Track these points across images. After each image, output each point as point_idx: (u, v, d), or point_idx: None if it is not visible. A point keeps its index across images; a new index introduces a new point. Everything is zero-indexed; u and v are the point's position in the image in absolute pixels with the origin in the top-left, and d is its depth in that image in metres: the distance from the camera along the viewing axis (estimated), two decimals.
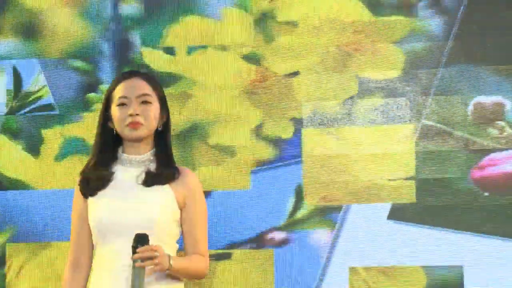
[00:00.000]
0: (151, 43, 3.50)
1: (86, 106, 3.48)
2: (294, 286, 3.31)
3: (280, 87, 3.43)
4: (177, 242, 2.28)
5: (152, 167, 2.24)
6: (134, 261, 2.02)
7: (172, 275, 2.16)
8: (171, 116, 2.45)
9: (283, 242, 3.34)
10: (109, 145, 2.27)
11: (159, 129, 2.30)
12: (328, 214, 3.33)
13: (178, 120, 3.36)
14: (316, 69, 3.37)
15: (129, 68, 3.46)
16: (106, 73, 3.54)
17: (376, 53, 3.38)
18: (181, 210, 2.22)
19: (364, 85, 3.37)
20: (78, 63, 3.56)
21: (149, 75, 2.52)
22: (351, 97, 3.37)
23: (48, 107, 3.53)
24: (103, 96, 2.38)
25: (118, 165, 2.24)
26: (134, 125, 2.19)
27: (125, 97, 2.23)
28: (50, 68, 3.55)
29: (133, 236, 2.07)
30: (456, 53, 3.34)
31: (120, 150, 2.26)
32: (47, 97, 3.54)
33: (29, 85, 3.57)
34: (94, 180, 2.22)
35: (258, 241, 3.34)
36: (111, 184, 2.21)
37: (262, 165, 3.40)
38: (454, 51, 3.34)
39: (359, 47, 3.40)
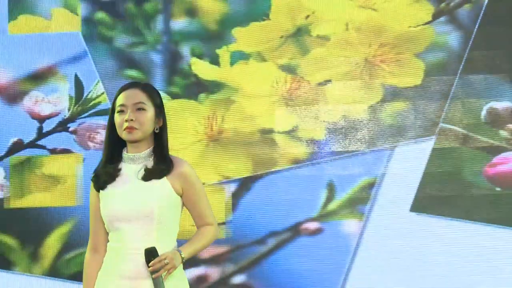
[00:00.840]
0: (199, 55, 3.97)
1: None
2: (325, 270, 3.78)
3: (312, 95, 3.88)
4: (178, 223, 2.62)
5: (150, 163, 2.56)
6: (150, 270, 2.39)
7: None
8: (217, 118, 2.83)
9: (316, 232, 3.80)
10: (115, 146, 2.60)
11: (156, 131, 2.57)
12: (359, 206, 3.78)
13: (223, 122, 3.84)
14: (346, 79, 3.81)
15: (179, 77, 3.95)
16: (158, 81, 4.02)
17: (401, 63, 3.82)
18: (181, 195, 2.55)
19: (389, 92, 3.80)
20: (133, 72, 4.04)
21: (147, 85, 2.77)
22: (375, 104, 3.82)
23: (106, 111, 4.00)
24: (112, 103, 2.65)
25: (123, 163, 2.59)
26: (130, 129, 2.50)
27: (123, 105, 2.53)
28: (109, 79, 4.02)
29: (136, 223, 2.46)
30: (471, 63, 3.76)
31: (124, 150, 2.60)
32: (106, 103, 4.02)
33: (87, 93, 4.06)
34: (104, 176, 2.55)
35: (295, 230, 3.80)
36: (118, 179, 2.54)
37: (297, 165, 3.87)
38: (469, 62, 3.76)
39: (387, 58, 3.84)
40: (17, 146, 4.09)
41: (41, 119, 4.10)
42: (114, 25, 4.12)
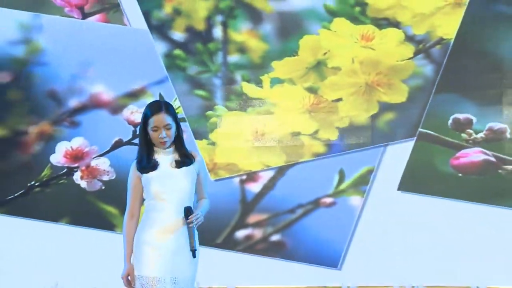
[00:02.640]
0: (247, 80, 5.62)
1: (207, 120, 5.63)
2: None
3: (328, 108, 5.50)
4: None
5: (176, 156, 3.80)
6: (188, 223, 3.70)
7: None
8: (261, 124, 4.43)
9: (331, 204, 5.40)
10: (149, 145, 3.84)
11: (175, 135, 3.84)
12: (361, 187, 5.36)
13: (264, 127, 5.47)
14: (353, 97, 5.45)
15: (234, 96, 5.61)
16: (218, 98, 5.68)
17: (391, 86, 5.44)
18: (197, 177, 3.86)
19: (382, 107, 5.42)
20: (201, 92, 5.70)
21: (170, 107, 3.90)
22: (374, 115, 5.45)
23: (182, 119, 5.63)
24: (142, 116, 3.73)
25: (157, 155, 3.82)
26: (163, 143, 3.79)
27: (156, 127, 3.77)
28: (183, 96, 5.67)
29: (177, 197, 3.69)
30: (441, 86, 5.39)
31: (154, 147, 3.81)
32: (181, 114, 5.65)
33: None
34: (149, 165, 3.77)
35: (316, 203, 5.42)
36: (158, 167, 3.77)
37: (316, 157, 5.48)
38: (439, 86, 5.40)
39: (381, 82, 5.46)
40: (118, 144, 5.76)
41: (135, 125, 5.73)
42: (187, 59, 5.79)
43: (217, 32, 5.77)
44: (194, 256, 3.61)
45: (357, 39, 5.54)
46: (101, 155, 5.79)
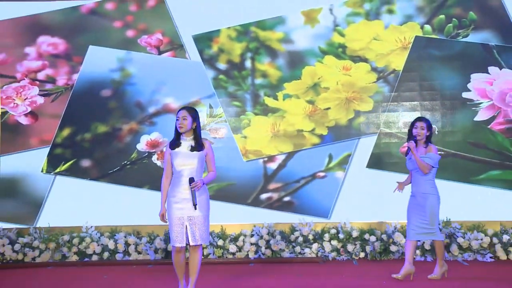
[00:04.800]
0: (268, 95, 8.21)
1: (241, 121, 8.20)
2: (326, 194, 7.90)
3: (321, 114, 8.09)
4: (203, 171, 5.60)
5: (192, 142, 5.50)
6: (191, 187, 5.40)
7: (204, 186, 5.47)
8: (277, 124, 7.08)
9: (323, 177, 7.97)
10: (178, 133, 5.59)
11: (193, 128, 5.56)
12: (343, 165, 7.95)
13: (279, 126, 8.09)
14: (337, 106, 8.06)
15: (258, 105, 8.19)
16: (249, 107, 8.24)
17: (362, 100, 8.06)
18: (205, 156, 5.55)
19: (356, 113, 8.03)
20: (237, 103, 8.28)
21: (189, 107, 5.65)
22: (351, 118, 8.03)
23: (224, 121, 8.19)
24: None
25: (182, 140, 5.55)
26: (180, 128, 5.52)
27: (178, 117, 5.60)
28: (225, 106, 8.24)
29: (188, 169, 5.37)
30: (395, 100, 8.02)
31: (181, 135, 5.54)
32: (223, 117, 8.23)
33: (215, 112, 8.28)
34: (176, 144, 5.53)
35: (313, 176, 8.00)
36: (180, 147, 5.50)
37: (313, 146, 8.05)
38: (393, 100, 8.03)
39: (355, 97, 8.07)
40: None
41: None
42: (227, 81, 8.33)
43: (248, 63, 8.33)
44: (195, 208, 5.15)
45: (340, 69, 8.15)
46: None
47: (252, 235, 7.90)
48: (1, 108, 8.49)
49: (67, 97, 8.37)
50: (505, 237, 7.50)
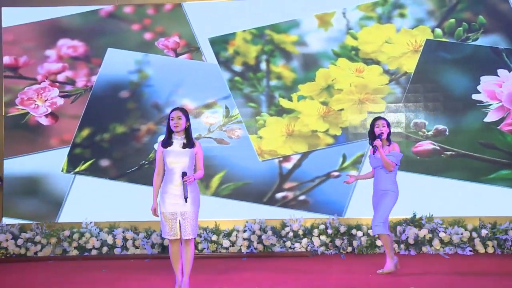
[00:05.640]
0: (283, 97, 8.41)
1: (256, 122, 8.39)
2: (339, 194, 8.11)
3: (335, 115, 8.30)
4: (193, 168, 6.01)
5: (184, 141, 5.71)
6: (183, 181, 5.62)
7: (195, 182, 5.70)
8: (291, 125, 7.30)
9: (337, 176, 8.18)
10: (170, 132, 5.83)
11: (186, 127, 5.79)
12: (356, 165, 8.15)
13: (294, 127, 8.30)
14: (351, 108, 8.27)
15: (273, 107, 8.40)
16: (264, 108, 8.44)
17: (374, 101, 8.27)
18: (195, 155, 5.78)
19: (370, 114, 8.23)
20: (252, 104, 8.48)
21: (182, 108, 5.83)
22: (364, 119, 8.24)
23: (240, 122, 8.41)
24: (168, 115, 5.86)
25: (173, 139, 5.77)
26: (176, 127, 5.76)
27: (172, 118, 5.81)
28: (241, 107, 8.43)
29: (180, 166, 5.60)
30: (406, 101, 8.23)
31: (173, 134, 5.79)
32: (239, 118, 8.43)
33: (231, 113, 8.48)
34: (168, 143, 5.75)
35: (327, 175, 8.21)
36: (172, 145, 5.76)
37: (327, 146, 8.26)
38: (405, 101, 8.23)
39: (368, 99, 8.28)
40: (198, 137, 8.41)
41: (210, 125, 8.48)
42: (243, 83, 8.53)
43: (263, 66, 8.53)
44: (186, 201, 5.35)
45: (353, 71, 8.37)
46: None
47: (244, 231, 8.19)
48: (23, 109, 8.71)
49: (86, 98, 8.58)
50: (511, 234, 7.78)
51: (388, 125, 6.42)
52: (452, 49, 8.22)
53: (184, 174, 5.42)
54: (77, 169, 8.47)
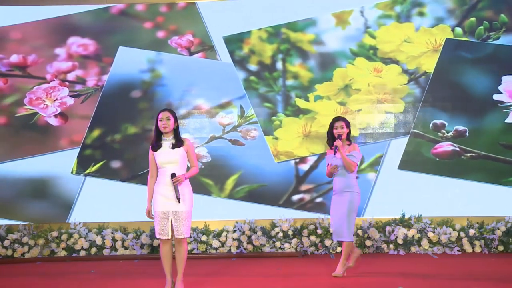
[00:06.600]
0: (299, 97, 8.25)
1: (272, 122, 8.23)
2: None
3: (353, 115, 8.15)
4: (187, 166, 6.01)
5: (173, 141, 5.71)
6: (173, 182, 5.64)
7: (186, 181, 5.66)
8: (308, 126, 7.16)
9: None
10: (159, 134, 5.86)
11: (174, 128, 5.80)
12: (375, 166, 8.00)
13: (310, 127, 8.13)
14: (368, 108, 8.12)
15: (290, 107, 8.23)
16: (280, 109, 8.27)
17: (393, 101, 8.12)
18: (186, 153, 5.78)
19: (388, 115, 8.09)
20: (268, 104, 8.28)
21: (169, 109, 5.84)
22: (382, 120, 8.09)
23: (255, 122, 8.23)
24: (156, 117, 5.72)
25: (163, 141, 5.78)
26: (164, 128, 5.76)
27: (161, 118, 5.83)
28: (256, 107, 8.27)
29: (171, 166, 5.60)
30: (425, 102, 8.08)
31: (162, 135, 5.81)
32: (254, 118, 8.26)
33: (246, 113, 8.29)
34: (157, 146, 5.76)
35: None
36: (162, 147, 5.76)
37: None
38: (424, 102, 8.09)
39: (387, 99, 8.13)
40: (212, 138, 8.28)
41: (224, 125, 8.30)
42: (258, 82, 8.36)
43: (279, 65, 8.36)
44: (179, 202, 5.40)
45: (371, 71, 8.22)
46: (201, 145, 8.29)
47: (234, 231, 8.13)
48: (31, 109, 8.48)
49: (97, 98, 8.37)
50: None
51: (348, 125, 6.33)
52: (472, 49, 8.10)
53: (173, 175, 5.47)
54: (88, 171, 8.25)
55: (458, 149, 7.98)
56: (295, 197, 8.14)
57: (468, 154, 7.98)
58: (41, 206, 8.27)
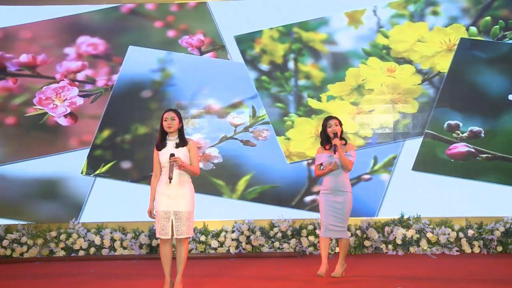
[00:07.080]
0: (311, 97, 8.16)
1: (284, 123, 8.13)
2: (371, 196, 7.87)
3: (365, 115, 8.06)
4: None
5: (177, 141, 5.70)
6: (170, 162, 5.66)
7: (186, 172, 5.62)
8: (320, 126, 7.05)
9: (368, 179, 7.92)
10: (163, 134, 5.87)
11: (179, 128, 5.81)
12: (388, 168, 7.90)
13: (320, 127, 8.04)
14: (381, 108, 8.02)
15: (302, 107, 8.13)
16: (292, 109, 8.18)
17: (407, 102, 8.03)
18: (189, 153, 5.76)
19: (401, 115, 8.00)
20: (280, 105, 8.21)
21: (174, 109, 5.87)
22: (396, 120, 7.99)
23: (267, 123, 8.14)
24: (161, 117, 5.74)
25: (167, 140, 5.80)
26: (169, 128, 5.78)
27: (165, 118, 5.83)
28: (268, 107, 8.18)
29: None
30: (439, 102, 7.99)
31: (167, 135, 5.84)
32: (266, 118, 8.16)
33: (258, 113, 8.20)
34: (161, 145, 5.77)
35: (358, 178, 7.94)
36: (166, 147, 5.76)
37: (358, 148, 8.00)
38: (438, 102, 7.99)
39: (400, 99, 8.04)
40: (224, 138, 8.20)
41: (236, 126, 8.21)
42: (270, 82, 8.28)
43: (291, 65, 8.28)
44: (170, 182, 5.40)
45: (384, 71, 8.13)
46: (212, 146, 8.21)
47: (233, 231, 8.09)
48: (41, 109, 8.40)
49: (107, 98, 8.29)
50: None
51: (340, 123, 6.25)
52: (487, 48, 7.99)
53: (172, 155, 5.51)
54: (97, 172, 8.16)
55: (473, 150, 7.88)
56: (308, 199, 8.03)
57: (484, 155, 7.87)
58: (50, 207, 8.18)
